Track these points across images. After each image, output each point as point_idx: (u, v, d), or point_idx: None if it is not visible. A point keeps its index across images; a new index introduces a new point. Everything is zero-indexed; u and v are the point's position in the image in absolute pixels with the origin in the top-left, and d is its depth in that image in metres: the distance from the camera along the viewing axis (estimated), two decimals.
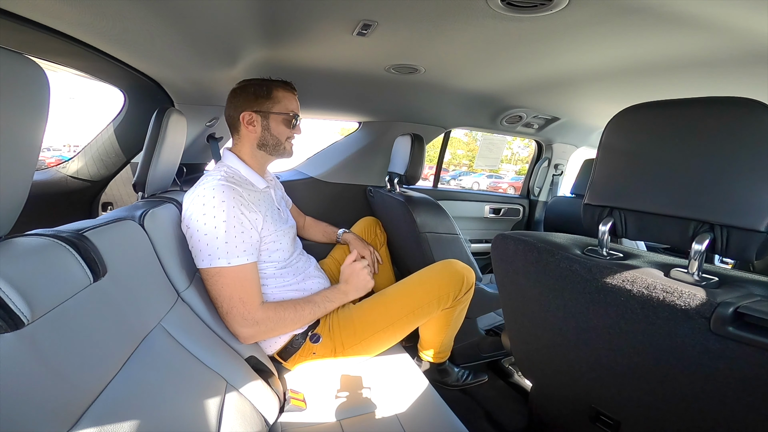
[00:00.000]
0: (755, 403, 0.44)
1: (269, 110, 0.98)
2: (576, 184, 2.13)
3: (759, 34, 0.77)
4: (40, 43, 0.79)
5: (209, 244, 0.83)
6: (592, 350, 0.61)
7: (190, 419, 0.57)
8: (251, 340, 0.88)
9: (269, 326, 0.88)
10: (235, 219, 0.85)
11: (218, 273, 0.84)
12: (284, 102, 1.00)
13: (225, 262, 0.83)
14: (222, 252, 0.83)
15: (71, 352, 0.46)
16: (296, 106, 1.03)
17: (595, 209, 0.59)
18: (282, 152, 1.03)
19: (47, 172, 1.27)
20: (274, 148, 1.01)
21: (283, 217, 1.08)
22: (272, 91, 0.99)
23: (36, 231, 0.53)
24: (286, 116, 1.00)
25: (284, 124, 1.00)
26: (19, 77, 0.40)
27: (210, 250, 0.83)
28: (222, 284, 0.84)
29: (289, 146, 1.04)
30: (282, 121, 1.00)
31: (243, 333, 0.85)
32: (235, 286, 0.84)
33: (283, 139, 1.01)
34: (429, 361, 1.28)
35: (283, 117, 0.99)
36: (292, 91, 1.03)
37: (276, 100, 0.99)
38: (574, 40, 0.93)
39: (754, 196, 0.44)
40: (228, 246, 0.83)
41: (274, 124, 0.99)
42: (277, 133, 1.00)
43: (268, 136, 1.00)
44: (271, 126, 0.99)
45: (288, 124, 1.01)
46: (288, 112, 1.00)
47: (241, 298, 0.85)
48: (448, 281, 1.08)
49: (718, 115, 0.47)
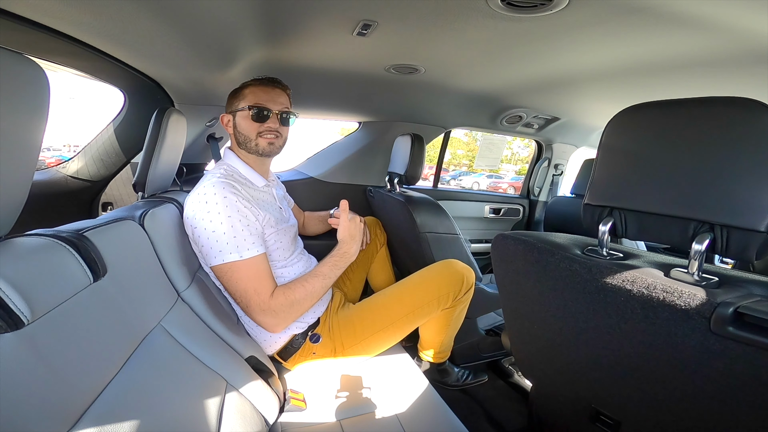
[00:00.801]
0: (755, 403, 0.44)
1: (236, 108, 0.98)
2: (576, 184, 2.13)
3: (759, 34, 0.77)
4: (40, 43, 0.79)
5: (218, 240, 0.83)
6: (592, 350, 0.61)
7: (190, 419, 0.57)
8: (278, 327, 0.88)
9: (286, 310, 0.88)
10: (239, 213, 0.85)
11: (231, 268, 0.84)
12: (249, 96, 0.97)
13: (237, 256, 0.83)
14: (232, 247, 0.83)
15: (71, 352, 0.46)
16: (266, 99, 0.98)
17: (595, 209, 0.59)
18: (255, 149, 0.99)
19: (47, 172, 1.27)
20: (246, 145, 0.99)
21: (285, 216, 1.08)
22: (244, 89, 0.98)
23: (36, 231, 0.53)
24: (244, 110, 0.96)
25: (249, 119, 0.97)
26: (19, 77, 0.40)
27: (220, 247, 0.83)
28: (237, 279, 0.85)
29: (262, 142, 0.98)
30: (245, 117, 0.97)
31: (266, 322, 0.86)
32: (249, 279, 0.85)
33: (253, 135, 0.97)
34: (429, 361, 1.28)
35: (244, 112, 0.96)
36: (268, 85, 0.99)
37: (242, 96, 0.97)
38: (574, 40, 0.93)
39: (754, 196, 0.44)
40: (237, 240, 0.84)
41: (240, 120, 0.98)
42: (243, 130, 0.98)
43: (238, 134, 0.99)
44: (237, 123, 0.98)
45: (255, 118, 0.96)
46: (249, 105, 0.96)
47: (256, 290, 0.85)
48: (448, 281, 1.08)
49: (718, 115, 0.47)
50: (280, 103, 1.00)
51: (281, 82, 1.03)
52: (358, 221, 1.03)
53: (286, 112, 1.00)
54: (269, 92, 0.99)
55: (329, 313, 1.07)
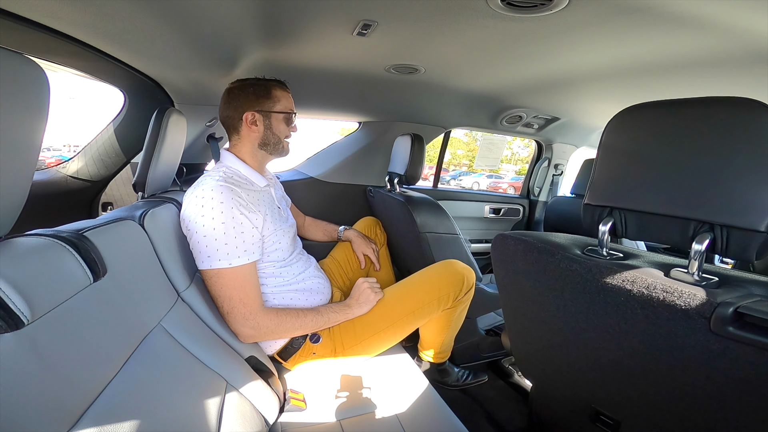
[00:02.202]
0: (755, 403, 0.44)
1: (271, 109, 1.00)
2: (576, 184, 2.13)
3: (759, 34, 0.77)
4: (40, 43, 0.79)
5: (208, 245, 0.83)
6: (592, 350, 0.61)
7: (190, 419, 0.57)
8: (251, 340, 0.89)
9: (270, 329, 0.89)
10: (234, 220, 0.85)
11: (217, 274, 0.84)
12: (283, 101, 1.02)
13: (226, 263, 0.83)
14: (222, 253, 0.83)
15: (71, 352, 0.46)
16: (293, 104, 1.05)
17: (595, 209, 0.59)
18: (281, 151, 1.05)
19: (47, 172, 1.27)
20: (274, 146, 1.03)
21: (284, 216, 1.08)
22: (271, 90, 1.00)
23: (36, 231, 0.53)
24: (287, 115, 1.02)
25: (285, 123, 1.02)
26: (19, 77, 0.40)
27: (209, 252, 0.83)
28: (222, 285, 0.84)
29: (287, 145, 1.06)
30: (283, 120, 1.02)
31: (243, 332, 0.86)
32: (235, 287, 0.85)
33: (283, 138, 1.04)
34: (429, 361, 1.28)
35: (284, 116, 1.01)
36: (288, 90, 1.05)
37: (276, 99, 1.00)
38: (574, 40, 0.93)
39: (754, 196, 0.44)
40: (228, 247, 0.83)
41: (275, 122, 1.01)
42: (278, 132, 1.02)
43: (270, 135, 1.01)
44: (273, 125, 1.01)
45: (288, 123, 1.03)
46: (288, 110, 1.02)
47: (241, 299, 0.85)
48: (449, 281, 1.08)
49: (718, 115, 0.47)
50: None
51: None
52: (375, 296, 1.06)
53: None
54: (290, 98, 1.05)
55: None
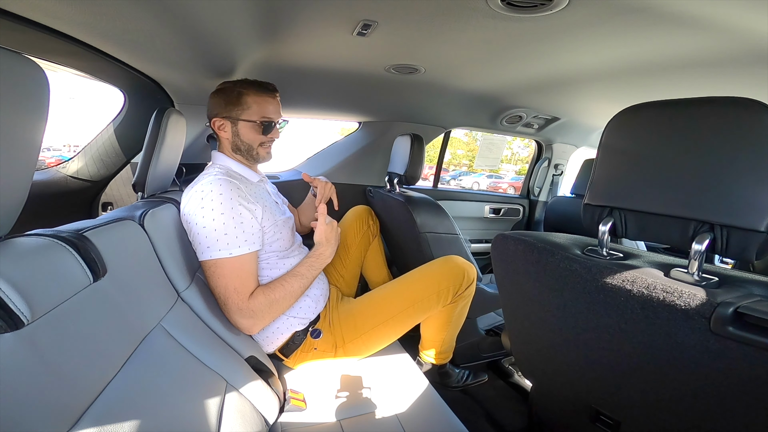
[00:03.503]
0: (755, 403, 0.44)
1: (238, 117, 0.96)
2: (576, 184, 2.13)
3: (759, 34, 0.77)
4: (40, 43, 0.79)
5: (209, 236, 0.83)
6: (592, 350, 0.61)
7: (190, 419, 0.57)
8: (255, 328, 0.88)
9: (265, 310, 0.87)
10: (233, 210, 0.85)
11: (216, 264, 0.84)
12: (254, 107, 0.96)
13: (226, 253, 0.84)
14: (222, 243, 0.83)
15: (71, 352, 0.46)
16: (272, 110, 0.98)
17: (595, 209, 0.59)
18: (256, 157, 1.00)
19: (47, 172, 1.27)
20: (247, 153, 0.99)
21: (282, 208, 1.09)
22: (243, 96, 0.95)
23: (36, 231, 0.53)
24: (255, 123, 0.96)
25: (255, 131, 0.97)
26: (19, 77, 0.40)
27: (209, 242, 0.83)
28: (219, 275, 0.85)
29: (263, 151, 1.00)
30: (252, 128, 0.96)
31: (242, 324, 0.86)
32: (231, 276, 0.85)
33: (255, 145, 0.98)
34: (431, 363, 1.28)
35: (252, 124, 0.96)
36: (269, 94, 0.98)
37: (245, 105, 0.95)
38: (574, 40, 0.93)
39: (754, 196, 0.44)
40: (228, 237, 0.84)
41: (243, 130, 0.97)
42: (247, 140, 0.97)
43: (239, 142, 0.98)
44: (240, 132, 0.97)
45: (259, 131, 0.97)
46: (257, 119, 0.96)
47: (236, 288, 0.85)
48: (448, 276, 1.08)
49: (718, 115, 0.47)
50: (279, 113, 1.00)
51: (275, 87, 1.01)
52: (335, 226, 1.04)
53: (283, 121, 1.02)
54: (272, 102, 0.98)
55: (329, 309, 1.07)
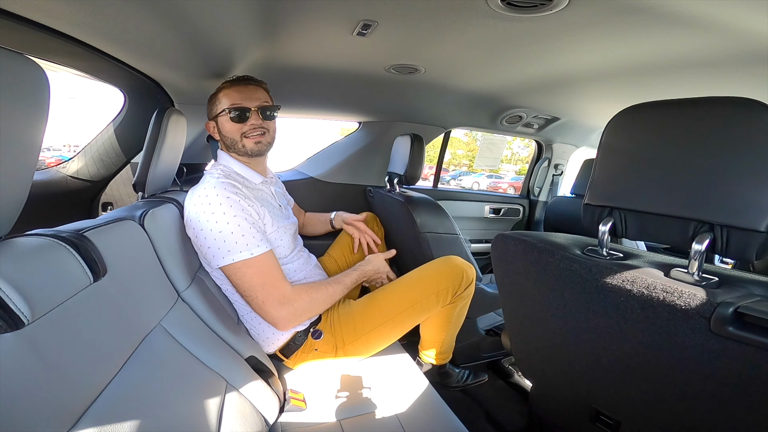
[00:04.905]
0: (755, 403, 0.44)
1: (215, 113, 0.98)
2: (576, 184, 2.14)
3: (759, 34, 0.77)
4: (40, 43, 0.78)
5: (226, 240, 0.83)
6: (592, 350, 0.61)
7: (190, 419, 0.57)
8: (291, 324, 0.90)
9: (305, 307, 0.90)
10: (244, 212, 0.86)
11: (243, 265, 0.84)
12: (224, 99, 0.96)
13: (248, 254, 0.84)
14: (242, 245, 0.83)
15: (71, 352, 0.46)
16: (242, 98, 0.96)
17: (595, 209, 0.59)
18: (243, 150, 0.99)
19: (47, 172, 1.27)
20: (234, 148, 1.00)
21: (284, 213, 1.08)
22: (218, 93, 0.97)
23: (36, 231, 0.53)
24: (223, 113, 0.96)
25: (229, 122, 0.96)
26: (19, 77, 0.40)
27: (228, 247, 0.83)
28: (251, 275, 0.85)
29: (249, 143, 0.98)
30: (226, 120, 0.97)
31: (281, 317, 0.87)
32: (263, 273, 0.85)
33: (238, 137, 0.98)
34: (431, 363, 1.28)
35: (222, 116, 0.96)
36: (241, 84, 0.97)
37: (218, 101, 0.97)
38: (574, 40, 0.93)
39: (754, 196, 0.44)
40: (245, 239, 0.84)
41: (222, 124, 0.98)
42: (227, 133, 0.98)
43: (224, 138, 1.00)
44: (221, 128, 0.98)
45: (235, 119, 0.96)
46: (226, 107, 0.95)
47: (273, 283, 0.86)
48: (447, 276, 1.08)
49: (719, 115, 0.47)
50: (257, 99, 0.98)
51: (254, 78, 1.02)
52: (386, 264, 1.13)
53: (265, 106, 0.99)
54: (243, 90, 0.97)
55: (330, 310, 1.07)
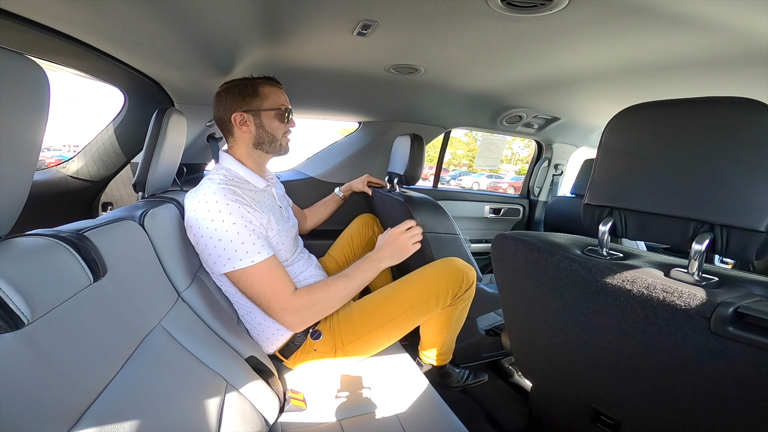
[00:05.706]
0: (755, 403, 0.44)
1: (260, 107, 0.97)
2: (576, 184, 2.14)
3: (759, 34, 0.77)
4: (40, 43, 0.79)
5: (227, 248, 0.83)
6: (592, 350, 0.61)
7: (190, 419, 0.57)
8: (300, 326, 0.91)
9: (309, 308, 0.89)
10: (244, 218, 0.85)
11: (245, 273, 0.84)
12: (272, 97, 0.98)
13: (249, 261, 0.83)
14: (242, 253, 0.83)
15: (71, 352, 0.46)
16: (285, 99, 1.01)
17: (595, 209, 0.59)
18: (279, 149, 1.02)
19: (47, 172, 1.27)
20: (270, 145, 1.00)
21: (285, 216, 1.08)
22: (257, 88, 0.97)
23: (36, 231, 0.53)
24: (278, 111, 0.99)
25: (278, 119, 0.99)
26: (19, 77, 0.40)
27: (230, 254, 0.83)
28: (252, 282, 0.85)
29: (285, 142, 1.03)
30: (275, 117, 0.99)
31: (288, 321, 0.88)
32: (264, 281, 0.85)
33: (279, 135, 1.00)
34: (431, 364, 1.28)
35: (275, 112, 0.98)
36: (278, 85, 1.02)
37: (264, 96, 0.98)
38: (574, 40, 0.93)
39: (755, 196, 0.44)
40: (246, 246, 0.83)
41: (267, 121, 0.98)
42: (271, 130, 0.99)
43: (263, 134, 0.99)
44: (264, 123, 0.98)
45: (281, 119, 1.00)
46: (279, 106, 0.99)
47: (274, 290, 0.86)
48: (447, 278, 1.08)
49: (719, 115, 0.47)
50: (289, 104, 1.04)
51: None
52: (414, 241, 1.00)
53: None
54: (283, 94, 1.02)
55: None
